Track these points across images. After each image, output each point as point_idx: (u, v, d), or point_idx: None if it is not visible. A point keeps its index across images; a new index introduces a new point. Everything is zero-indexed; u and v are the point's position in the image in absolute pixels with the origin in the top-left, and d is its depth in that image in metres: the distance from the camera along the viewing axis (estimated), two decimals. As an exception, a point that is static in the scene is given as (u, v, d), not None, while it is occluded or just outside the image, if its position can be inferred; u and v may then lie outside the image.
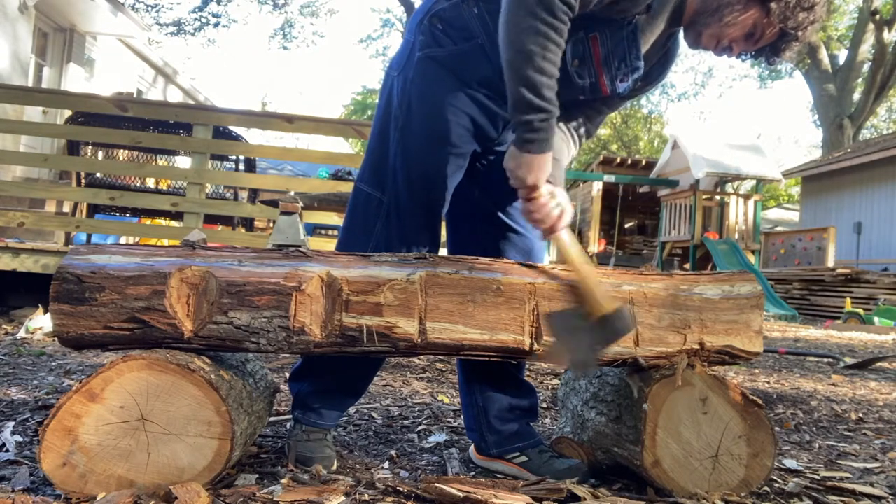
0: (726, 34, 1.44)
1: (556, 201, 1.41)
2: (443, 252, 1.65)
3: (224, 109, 5.22)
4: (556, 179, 1.46)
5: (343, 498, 1.27)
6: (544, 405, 2.46)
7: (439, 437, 1.89)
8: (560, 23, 1.32)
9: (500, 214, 1.64)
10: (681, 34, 1.58)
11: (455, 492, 1.24)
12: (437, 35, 1.50)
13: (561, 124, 1.58)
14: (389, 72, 1.60)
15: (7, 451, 1.52)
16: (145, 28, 11.79)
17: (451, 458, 1.69)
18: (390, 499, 1.30)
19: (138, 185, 5.24)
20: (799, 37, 1.43)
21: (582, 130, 1.63)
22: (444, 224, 1.69)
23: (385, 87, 1.60)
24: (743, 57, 1.53)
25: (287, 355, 2.89)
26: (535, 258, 1.64)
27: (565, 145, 1.59)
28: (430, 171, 1.51)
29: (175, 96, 14.39)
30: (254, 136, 25.73)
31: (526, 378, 1.71)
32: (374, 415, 2.15)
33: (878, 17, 17.08)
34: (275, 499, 1.25)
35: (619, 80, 1.50)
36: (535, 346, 1.36)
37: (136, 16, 11.75)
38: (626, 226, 16.80)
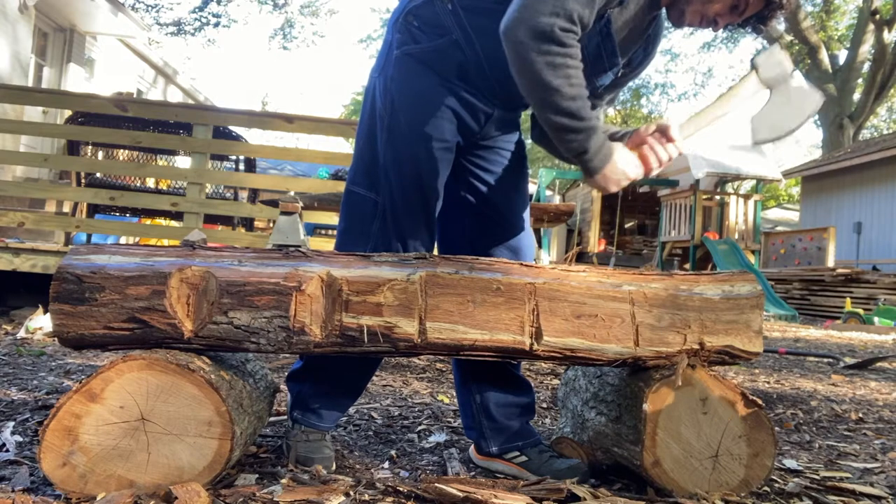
0: (710, 9, 1.45)
1: (650, 141, 1.44)
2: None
3: (224, 109, 5.22)
4: (627, 136, 1.48)
5: (343, 498, 1.27)
6: (544, 405, 2.46)
7: (439, 437, 1.89)
8: (572, 48, 1.34)
9: (488, 211, 1.64)
10: (662, 20, 1.59)
11: (455, 492, 1.24)
12: (414, 32, 1.51)
13: None
14: (372, 74, 1.61)
15: (7, 451, 1.52)
16: (145, 28, 11.78)
17: (451, 458, 1.69)
18: (390, 499, 1.30)
19: (138, 185, 5.24)
20: (784, 5, 1.43)
21: None
22: None
23: (369, 89, 1.61)
24: (730, 28, 1.54)
25: (287, 355, 2.89)
26: (525, 254, 1.64)
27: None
28: (421, 167, 1.52)
29: (175, 96, 14.39)
30: (254, 136, 25.73)
31: (525, 377, 1.71)
32: (374, 415, 2.15)
33: (878, 17, 17.07)
34: (275, 499, 1.25)
35: (595, 76, 1.51)
36: (535, 346, 1.36)
37: (136, 16, 11.74)
38: (626, 226, 16.78)
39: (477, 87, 1.51)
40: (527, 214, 1.70)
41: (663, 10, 1.55)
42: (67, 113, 5.13)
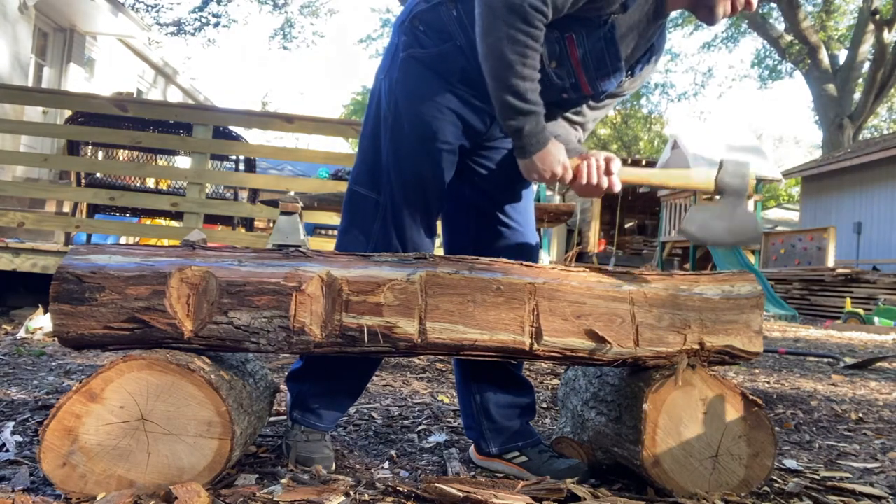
0: None
1: (592, 160, 1.46)
2: (439, 251, 1.65)
3: (224, 109, 5.23)
4: (576, 151, 1.50)
5: (343, 498, 1.27)
6: (544, 405, 2.46)
7: (439, 437, 1.89)
8: (536, 30, 1.36)
9: (493, 211, 1.65)
10: (666, 28, 1.60)
11: (455, 492, 1.24)
12: (419, 36, 1.52)
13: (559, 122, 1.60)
14: (377, 75, 1.62)
15: (7, 451, 1.52)
16: (145, 28, 11.78)
17: (451, 458, 1.69)
18: (390, 499, 1.30)
19: (138, 185, 5.24)
20: None
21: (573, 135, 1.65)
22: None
23: (374, 91, 1.62)
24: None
25: (287, 355, 2.89)
26: (530, 253, 1.65)
27: (563, 132, 1.61)
28: (423, 169, 1.52)
29: (175, 96, 14.39)
30: (254, 136, 25.70)
31: (525, 377, 1.71)
32: (374, 415, 2.15)
33: (878, 17, 17.05)
34: (275, 499, 1.25)
35: (599, 80, 1.51)
36: (535, 346, 1.36)
37: (136, 16, 11.75)
38: (626, 226, 16.78)
39: (480, 91, 1.51)
40: (531, 215, 1.71)
41: (666, 24, 1.56)
42: (67, 113, 5.12)
